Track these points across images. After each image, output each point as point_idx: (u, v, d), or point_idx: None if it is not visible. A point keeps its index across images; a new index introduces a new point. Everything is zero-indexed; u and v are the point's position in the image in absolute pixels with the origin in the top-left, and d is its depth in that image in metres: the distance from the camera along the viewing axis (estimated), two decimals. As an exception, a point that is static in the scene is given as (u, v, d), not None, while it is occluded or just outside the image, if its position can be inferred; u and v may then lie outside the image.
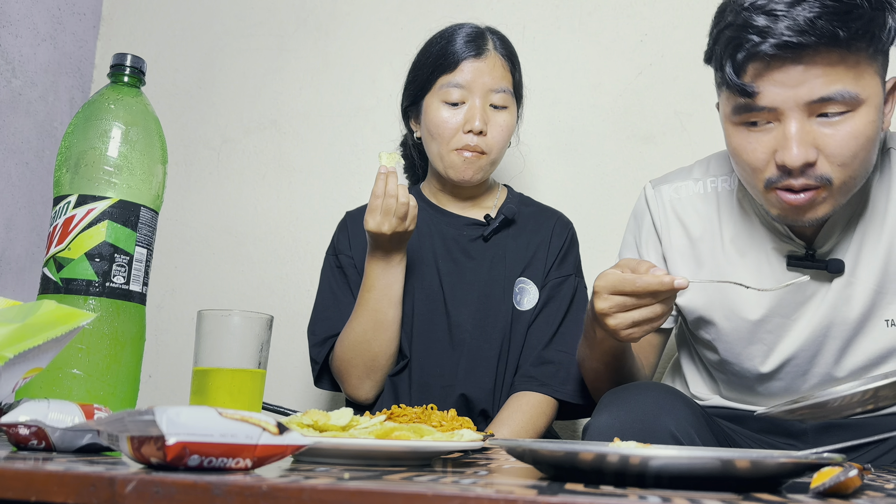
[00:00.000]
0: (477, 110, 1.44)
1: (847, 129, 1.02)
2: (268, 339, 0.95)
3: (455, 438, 0.74)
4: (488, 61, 1.46)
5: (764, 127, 1.06)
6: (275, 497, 0.46)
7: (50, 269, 0.91)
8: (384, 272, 1.40)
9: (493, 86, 1.45)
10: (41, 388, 0.86)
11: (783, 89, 1.02)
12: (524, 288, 1.48)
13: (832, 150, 1.03)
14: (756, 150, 1.06)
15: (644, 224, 1.32)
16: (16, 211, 1.92)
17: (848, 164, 1.03)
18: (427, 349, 1.46)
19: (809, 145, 1.02)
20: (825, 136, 1.02)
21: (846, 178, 1.05)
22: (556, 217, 1.57)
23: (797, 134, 1.02)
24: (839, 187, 1.05)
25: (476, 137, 1.44)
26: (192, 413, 0.52)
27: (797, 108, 1.02)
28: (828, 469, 0.56)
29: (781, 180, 1.05)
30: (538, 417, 1.39)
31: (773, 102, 1.03)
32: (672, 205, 1.28)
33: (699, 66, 1.46)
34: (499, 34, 1.51)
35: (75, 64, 2.11)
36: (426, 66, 1.49)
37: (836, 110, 1.02)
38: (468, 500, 0.45)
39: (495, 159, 1.48)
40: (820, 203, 1.06)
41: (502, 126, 1.46)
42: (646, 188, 1.33)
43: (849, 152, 1.03)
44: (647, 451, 0.56)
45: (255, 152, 2.07)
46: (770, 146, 1.05)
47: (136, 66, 0.97)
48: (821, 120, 1.03)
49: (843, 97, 1.01)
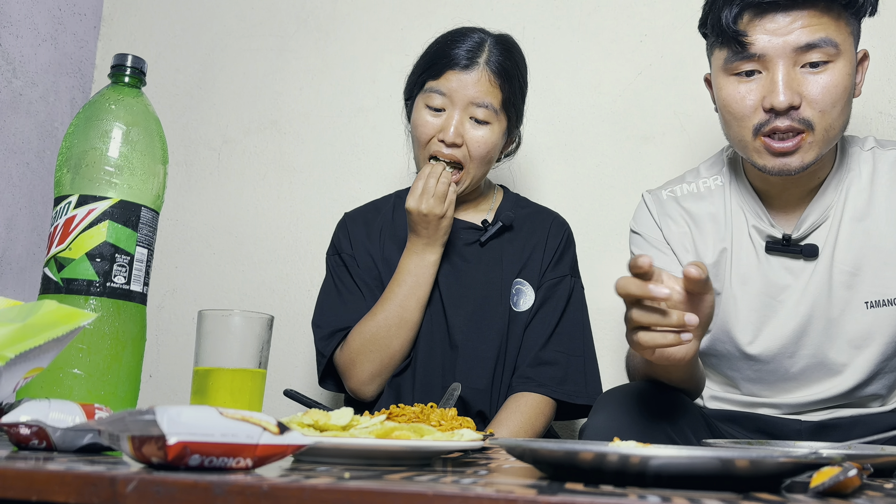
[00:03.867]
0: (454, 121, 1.43)
1: (827, 78, 1.14)
2: (268, 339, 0.95)
3: (455, 438, 0.74)
4: (474, 74, 1.43)
5: (753, 77, 1.17)
6: (275, 497, 0.46)
7: (51, 269, 0.91)
8: (416, 267, 1.40)
9: (475, 99, 1.43)
10: (42, 388, 0.86)
11: (772, 37, 1.14)
12: (521, 289, 1.48)
13: (814, 97, 1.14)
14: (745, 97, 1.17)
15: (645, 224, 1.36)
16: (16, 211, 1.92)
17: (827, 111, 1.15)
18: (425, 351, 1.46)
19: (794, 91, 1.14)
20: (808, 82, 1.14)
21: (826, 125, 1.15)
22: (553, 218, 1.57)
23: (784, 79, 1.14)
24: (820, 134, 1.15)
25: (449, 148, 1.43)
26: (193, 413, 0.52)
27: (784, 55, 1.14)
28: (827, 469, 0.56)
29: (768, 124, 1.15)
30: (536, 418, 1.39)
31: (764, 50, 1.15)
32: (668, 202, 1.35)
33: (699, 66, 1.46)
34: (501, 46, 1.47)
35: (76, 64, 2.11)
36: (420, 67, 1.50)
37: (818, 58, 1.14)
38: (468, 499, 0.45)
39: (475, 175, 1.47)
40: (805, 149, 1.16)
41: (479, 141, 1.44)
42: (643, 195, 1.39)
43: (829, 99, 1.14)
44: (647, 451, 0.57)
45: (256, 152, 2.08)
46: (758, 94, 1.16)
47: (137, 67, 0.98)
48: (804, 70, 1.15)
49: (826, 44, 1.13)
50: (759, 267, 1.26)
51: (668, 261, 1.30)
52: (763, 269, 1.26)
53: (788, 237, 1.24)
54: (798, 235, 1.24)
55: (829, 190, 1.24)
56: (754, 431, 1.27)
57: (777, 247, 1.25)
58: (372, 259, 1.53)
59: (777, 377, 1.26)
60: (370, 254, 1.53)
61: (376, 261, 1.52)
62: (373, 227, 1.56)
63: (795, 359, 1.24)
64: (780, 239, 1.25)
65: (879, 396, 1.26)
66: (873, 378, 1.23)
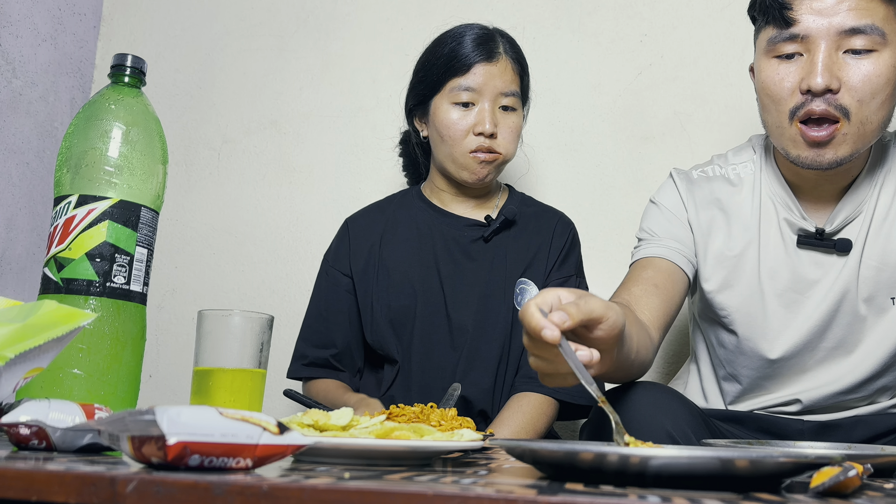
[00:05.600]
0: (487, 113, 1.45)
1: (870, 66, 1.11)
2: (268, 339, 0.95)
3: (455, 438, 0.74)
4: (500, 65, 1.47)
5: (794, 60, 1.15)
6: (275, 497, 0.46)
7: (51, 269, 0.91)
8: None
9: (503, 89, 1.47)
10: (42, 388, 0.86)
11: (818, 17, 1.12)
12: (525, 288, 1.48)
13: (854, 83, 1.11)
14: (784, 79, 1.15)
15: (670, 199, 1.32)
16: (16, 211, 1.92)
17: (866, 101, 1.12)
18: (428, 350, 1.46)
19: (834, 74, 1.11)
20: (849, 67, 1.12)
21: (863, 116, 1.12)
22: (558, 217, 1.57)
23: (824, 61, 1.11)
24: (855, 126, 1.12)
25: (487, 140, 1.45)
26: (193, 413, 0.52)
27: (828, 37, 1.11)
28: (827, 469, 0.56)
29: (804, 107, 1.13)
30: (538, 418, 1.39)
31: (808, 30, 1.12)
32: (700, 183, 1.31)
33: (699, 66, 1.46)
34: (508, 37, 1.52)
35: (76, 64, 2.11)
36: (436, 68, 1.49)
37: (862, 45, 1.11)
38: (468, 499, 0.45)
39: (508, 160, 1.50)
40: (839, 142, 1.13)
41: (512, 127, 1.48)
42: (671, 172, 1.35)
43: (868, 88, 1.11)
44: (646, 451, 0.56)
45: (256, 152, 2.08)
46: (797, 76, 1.14)
47: (137, 67, 0.98)
48: (847, 55, 1.12)
49: (872, 31, 1.11)
50: (788, 261, 1.24)
51: (683, 239, 1.27)
52: (792, 263, 1.24)
53: (822, 231, 1.22)
54: (832, 229, 1.22)
55: (864, 185, 1.22)
56: (755, 431, 1.27)
57: (810, 241, 1.22)
58: (370, 261, 1.53)
59: (794, 371, 1.25)
60: (370, 256, 1.53)
61: (375, 262, 1.53)
62: (374, 229, 1.56)
63: (815, 352, 1.24)
64: (813, 233, 1.23)
65: (889, 388, 1.26)
66: (887, 369, 1.23)
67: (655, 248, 1.27)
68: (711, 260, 1.27)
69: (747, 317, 1.26)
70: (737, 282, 1.26)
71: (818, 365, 1.24)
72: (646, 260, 1.27)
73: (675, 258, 1.26)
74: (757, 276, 1.25)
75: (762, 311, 1.25)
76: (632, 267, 1.29)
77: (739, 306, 1.26)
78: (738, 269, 1.26)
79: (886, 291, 1.21)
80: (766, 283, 1.24)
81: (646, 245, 1.29)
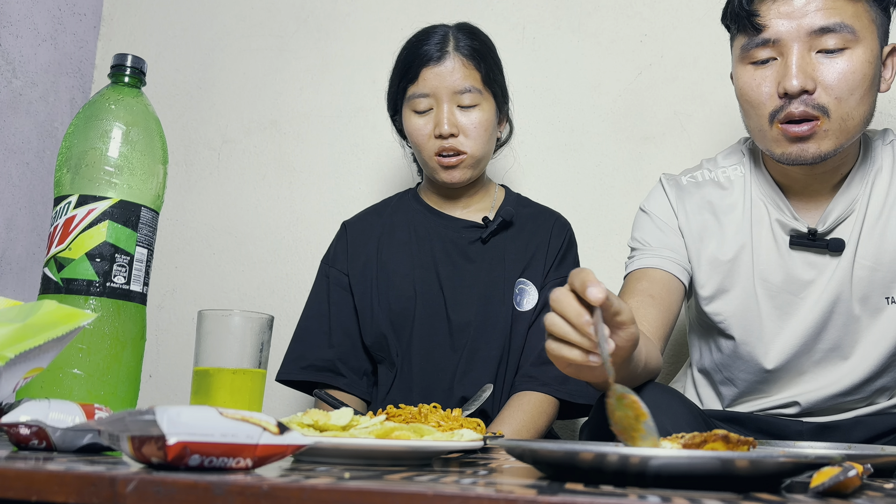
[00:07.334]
0: (443, 114, 1.44)
1: (843, 64, 1.13)
2: (268, 339, 0.95)
3: (455, 438, 0.74)
4: (448, 64, 1.45)
5: (768, 65, 1.16)
6: (275, 497, 0.46)
7: (51, 269, 0.91)
8: None
9: (456, 87, 1.45)
10: (42, 388, 0.86)
11: (787, 20, 1.13)
12: (524, 289, 1.49)
13: (829, 82, 1.12)
14: (761, 84, 1.16)
15: (660, 206, 1.32)
16: (16, 211, 1.92)
17: (844, 98, 1.13)
18: (428, 352, 1.46)
19: (808, 75, 1.12)
20: (823, 67, 1.13)
21: (843, 113, 1.13)
22: (555, 218, 1.57)
23: (797, 63, 1.13)
24: (836, 122, 1.13)
25: (448, 141, 1.45)
26: (193, 413, 0.52)
27: (799, 39, 1.13)
28: (827, 469, 0.56)
29: (783, 110, 1.14)
30: (539, 417, 1.39)
31: (778, 34, 1.14)
32: (689, 189, 1.32)
33: (699, 66, 1.46)
34: (465, 31, 1.49)
35: (76, 64, 2.11)
36: (395, 79, 1.52)
37: (833, 44, 1.12)
38: (468, 499, 0.45)
39: (479, 157, 1.48)
40: (821, 137, 1.14)
41: (475, 124, 1.46)
42: (661, 178, 1.35)
43: (845, 85, 1.12)
44: (647, 451, 0.57)
45: (256, 152, 2.08)
46: (774, 80, 1.15)
47: (137, 67, 0.98)
48: (820, 55, 1.13)
49: (842, 28, 1.12)
50: (781, 262, 1.24)
51: (675, 247, 1.28)
52: (785, 264, 1.23)
53: (814, 231, 1.22)
54: (824, 229, 1.21)
55: (855, 183, 1.22)
56: (755, 432, 1.27)
57: (802, 241, 1.22)
58: (368, 264, 1.53)
59: (791, 374, 1.25)
60: (368, 259, 1.53)
61: (374, 265, 1.53)
62: (372, 233, 1.57)
63: (811, 354, 1.23)
64: (805, 233, 1.22)
65: (888, 389, 1.26)
66: (885, 370, 1.23)
67: (649, 259, 1.27)
68: (705, 265, 1.27)
69: (743, 321, 1.25)
70: (732, 286, 1.26)
71: (815, 367, 1.24)
72: (640, 271, 1.27)
73: (669, 267, 1.26)
74: (751, 280, 1.25)
75: (757, 315, 1.24)
76: (626, 279, 1.29)
77: (735, 311, 1.26)
78: (733, 274, 1.26)
79: (881, 291, 1.21)
80: (760, 285, 1.24)
81: (639, 256, 1.29)
